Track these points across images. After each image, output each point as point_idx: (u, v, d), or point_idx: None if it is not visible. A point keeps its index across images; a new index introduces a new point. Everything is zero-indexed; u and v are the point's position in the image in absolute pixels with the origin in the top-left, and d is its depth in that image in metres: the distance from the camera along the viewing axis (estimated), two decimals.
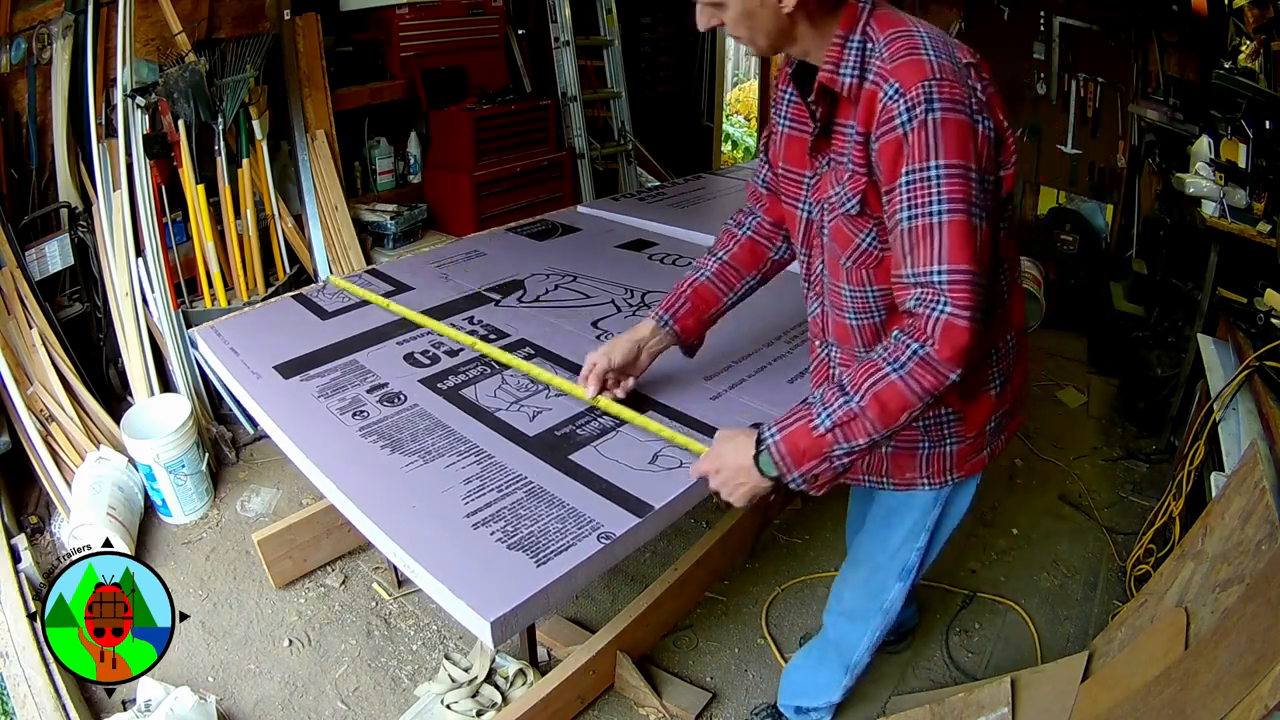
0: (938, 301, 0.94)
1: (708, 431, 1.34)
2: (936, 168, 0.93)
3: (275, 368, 1.58)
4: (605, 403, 1.40)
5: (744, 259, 1.36)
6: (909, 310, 0.97)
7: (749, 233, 1.36)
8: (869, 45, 1.00)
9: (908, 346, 0.96)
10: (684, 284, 1.37)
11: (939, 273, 0.94)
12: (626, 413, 1.38)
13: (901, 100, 0.94)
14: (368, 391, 1.49)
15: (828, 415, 0.99)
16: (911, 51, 0.96)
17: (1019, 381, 1.23)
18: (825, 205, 1.12)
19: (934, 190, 0.94)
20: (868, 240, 1.08)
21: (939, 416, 1.17)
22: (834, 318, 1.20)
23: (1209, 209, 2.53)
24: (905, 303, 0.98)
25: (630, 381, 1.41)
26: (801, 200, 1.18)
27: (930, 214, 0.94)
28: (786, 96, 1.18)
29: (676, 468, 1.28)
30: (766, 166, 1.30)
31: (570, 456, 1.30)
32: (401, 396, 1.47)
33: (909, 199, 0.96)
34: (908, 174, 0.95)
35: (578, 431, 1.37)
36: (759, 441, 1.05)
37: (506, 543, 1.11)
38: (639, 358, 1.38)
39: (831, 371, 1.24)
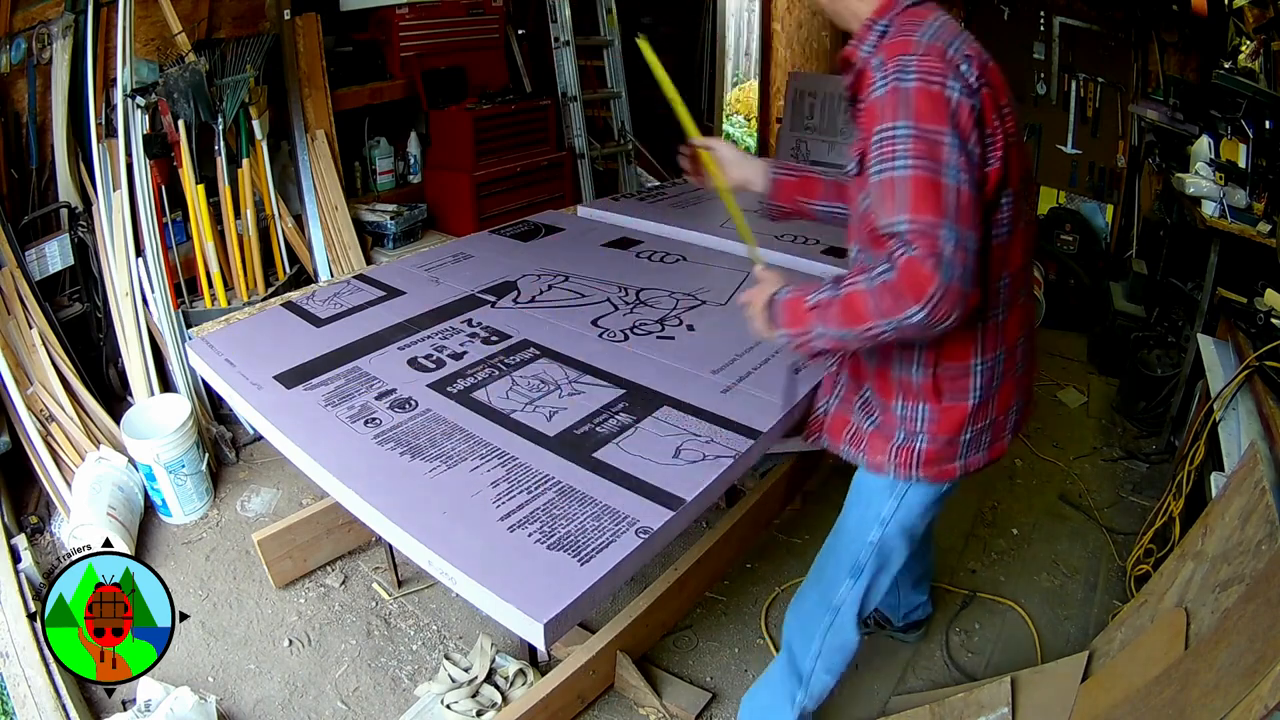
0: (903, 245, 0.98)
1: (729, 425, 1.37)
2: (905, 127, 0.99)
3: (275, 378, 1.56)
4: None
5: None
6: (886, 255, 1.02)
7: None
8: (889, 31, 1.08)
9: (878, 267, 1.01)
10: (806, 169, 1.45)
11: (902, 222, 0.98)
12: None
13: (881, 70, 1.03)
14: (376, 398, 1.48)
15: (817, 295, 1.09)
16: (905, 34, 1.05)
17: (1004, 401, 1.22)
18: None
19: (900, 147, 0.99)
20: (865, 203, 1.12)
21: (917, 411, 1.21)
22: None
23: (1209, 209, 2.53)
24: (883, 255, 1.03)
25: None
26: None
27: (895, 168, 0.99)
28: None
29: (700, 460, 1.29)
30: None
31: (594, 454, 1.30)
32: (412, 402, 1.46)
33: (877, 155, 1.01)
34: (878, 133, 1.01)
35: (597, 429, 1.37)
36: (774, 295, 1.17)
37: (546, 543, 1.11)
38: (743, 168, 1.41)
39: None
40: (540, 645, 1.03)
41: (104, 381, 2.64)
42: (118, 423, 2.30)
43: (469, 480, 1.25)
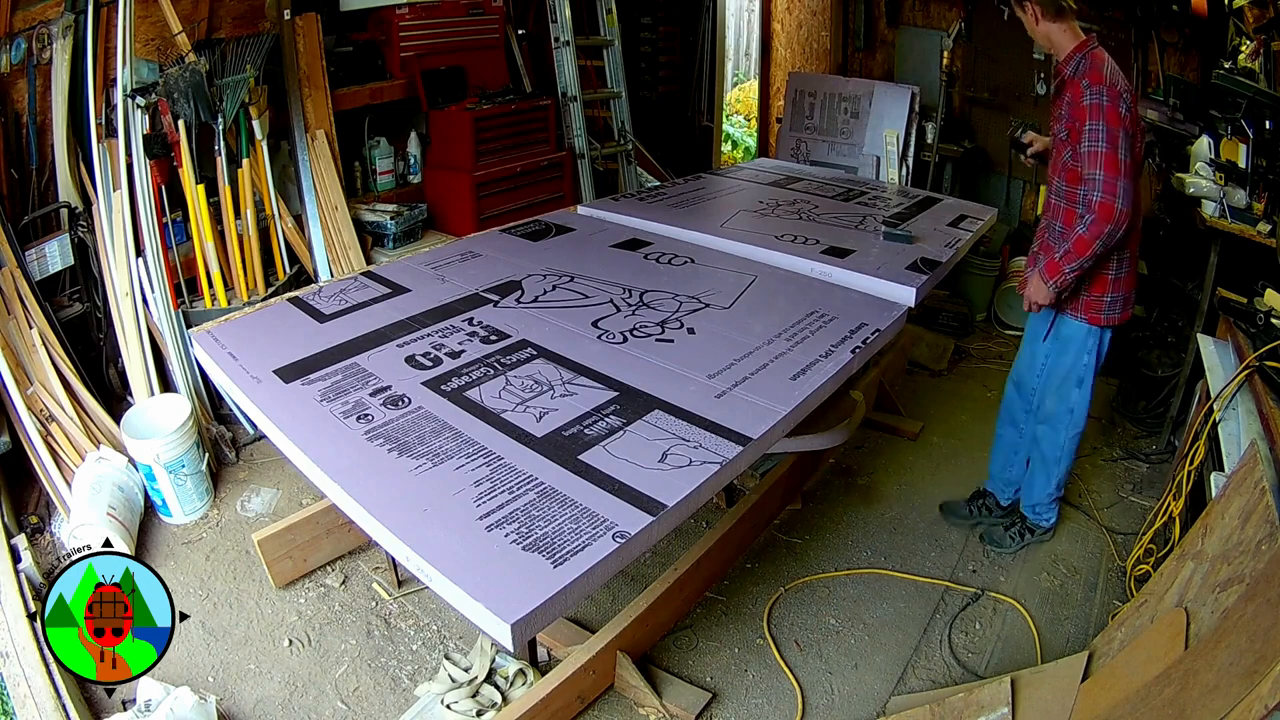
0: (1098, 192, 1.79)
1: (719, 431, 1.37)
2: (1102, 125, 1.78)
3: (275, 372, 1.56)
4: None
5: None
6: (1083, 195, 1.84)
7: None
8: (1083, 64, 1.85)
9: (1084, 216, 1.82)
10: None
11: (1098, 175, 1.79)
12: None
13: (1089, 89, 1.80)
14: (371, 395, 1.48)
15: (1060, 252, 1.88)
16: (1098, 69, 1.82)
17: (1128, 284, 1.99)
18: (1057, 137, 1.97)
19: (1100, 135, 1.78)
20: (1067, 156, 1.91)
21: (1086, 281, 1.97)
22: (1052, 200, 2.03)
23: (1209, 209, 2.53)
24: (1080, 197, 1.86)
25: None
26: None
27: (1098, 146, 1.79)
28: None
29: (686, 466, 1.28)
30: None
31: (580, 456, 1.30)
32: (406, 399, 1.46)
33: (1088, 136, 1.80)
34: (1088, 126, 1.80)
35: (585, 431, 1.36)
36: (1039, 272, 1.95)
37: (522, 544, 1.11)
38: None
39: (1051, 232, 2.05)
40: (508, 645, 1.03)
41: (104, 381, 2.64)
42: (118, 423, 2.31)
43: (452, 479, 1.25)
